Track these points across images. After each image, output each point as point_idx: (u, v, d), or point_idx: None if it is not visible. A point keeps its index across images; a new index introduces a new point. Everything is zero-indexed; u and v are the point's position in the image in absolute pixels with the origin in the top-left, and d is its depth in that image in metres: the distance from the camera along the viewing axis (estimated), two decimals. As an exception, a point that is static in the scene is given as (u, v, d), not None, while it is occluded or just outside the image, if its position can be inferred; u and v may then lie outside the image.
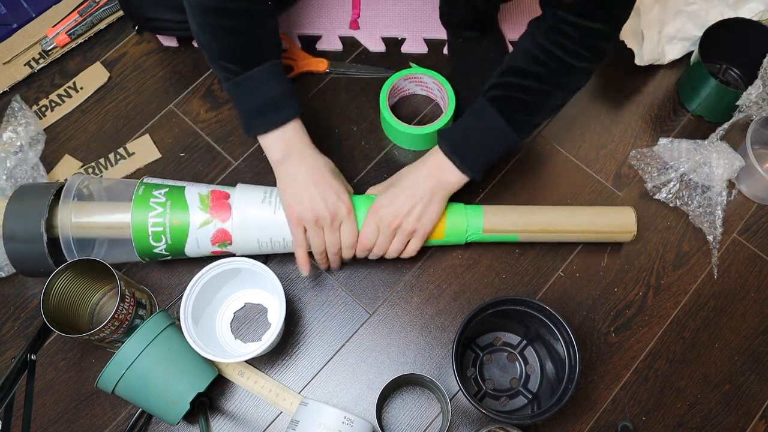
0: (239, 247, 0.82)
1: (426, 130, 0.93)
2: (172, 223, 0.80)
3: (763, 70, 0.93)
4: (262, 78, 0.77)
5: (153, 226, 0.80)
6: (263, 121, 0.78)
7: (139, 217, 0.79)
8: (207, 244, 0.82)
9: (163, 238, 0.80)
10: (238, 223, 0.80)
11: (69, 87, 1.01)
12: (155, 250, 0.81)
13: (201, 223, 0.80)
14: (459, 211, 0.85)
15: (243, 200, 0.81)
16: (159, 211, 0.80)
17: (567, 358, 0.78)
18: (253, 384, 0.84)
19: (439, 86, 0.96)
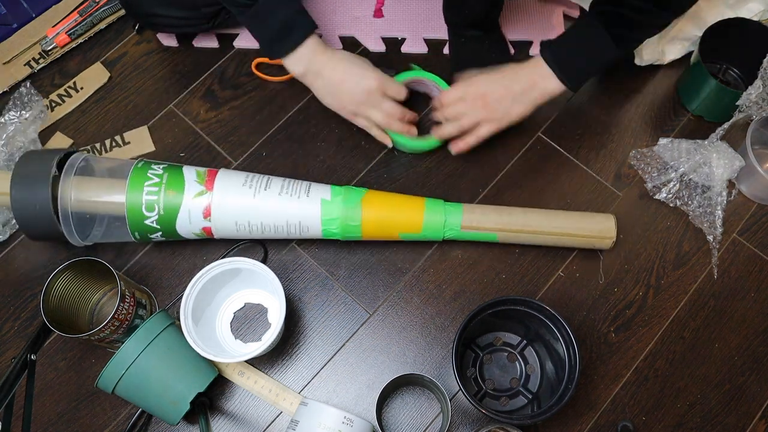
0: (217, 223, 0.83)
1: (426, 144, 0.94)
2: (167, 193, 0.81)
3: (763, 70, 0.93)
4: (272, 4, 0.81)
5: (147, 195, 0.80)
6: (282, 45, 0.84)
7: (134, 184, 0.80)
8: (199, 217, 0.82)
9: (156, 207, 0.80)
10: (217, 199, 0.82)
11: (69, 87, 1.01)
12: (147, 221, 0.81)
13: (196, 193, 0.81)
14: (437, 206, 0.85)
15: (225, 179, 0.83)
16: (155, 181, 0.81)
17: (567, 358, 0.78)
18: (253, 384, 0.84)
19: (440, 90, 0.96)
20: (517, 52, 1.05)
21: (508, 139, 0.98)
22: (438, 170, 0.96)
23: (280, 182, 0.84)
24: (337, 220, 0.83)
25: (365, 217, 0.84)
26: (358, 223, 0.84)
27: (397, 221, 0.85)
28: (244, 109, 1.01)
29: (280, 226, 0.83)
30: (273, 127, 0.99)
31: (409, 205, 0.85)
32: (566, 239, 0.87)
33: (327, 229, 0.84)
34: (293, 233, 0.84)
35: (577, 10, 1.07)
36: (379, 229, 0.85)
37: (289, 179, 0.85)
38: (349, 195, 0.84)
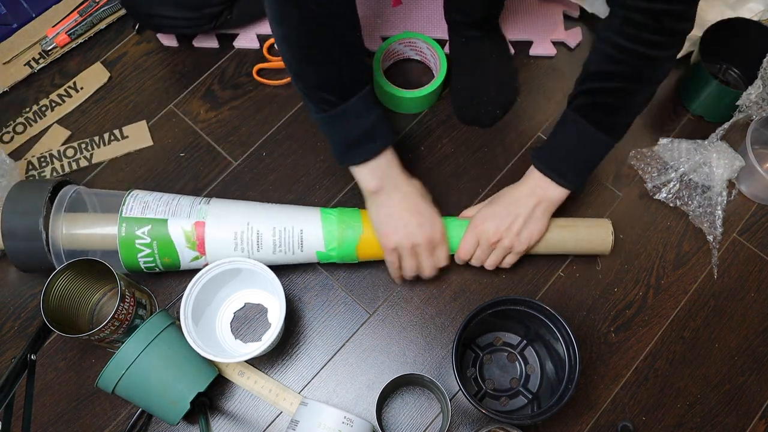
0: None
1: (416, 93, 0.95)
2: (162, 260, 0.82)
3: (763, 70, 0.93)
4: (358, 108, 0.74)
5: (145, 264, 0.82)
6: (357, 153, 0.76)
7: (128, 258, 0.81)
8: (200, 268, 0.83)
9: (156, 270, 0.84)
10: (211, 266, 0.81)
11: (69, 87, 1.01)
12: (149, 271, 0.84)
13: (191, 258, 0.82)
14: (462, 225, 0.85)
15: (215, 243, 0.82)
16: (147, 252, 0.81)
17: (567, 358, 0.78)
18: (253, 384, 0.84)
19: (432, 51, 0.98)
20: (518, 52, 1.05)
21: (508, 139, 0.98)
22: (438, 170, 0.96)
23: (271, 239, 0.82)
24: (335, 249, 0.84)
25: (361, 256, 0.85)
26: (356, 260, 0.86)
27: None
28: (244, 109, 1.01)
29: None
30: (273, 127, 0.99)
31: None
32: (564, 250, 0.87)
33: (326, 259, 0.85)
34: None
35: (577, 10, 1.07)
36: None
37: (280, 228, 0.82)
38: (343, 246, 0.83)
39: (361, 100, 0.74)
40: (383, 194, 0.79)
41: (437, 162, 0.97)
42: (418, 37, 0.98)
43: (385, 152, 0.77)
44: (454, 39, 1.00)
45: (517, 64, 1.04)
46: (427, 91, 0.96)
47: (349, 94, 0.74)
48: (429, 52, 1.00)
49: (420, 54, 1.02)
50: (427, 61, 1.03)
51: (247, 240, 0.81)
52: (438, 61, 0.98)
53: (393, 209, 0.79)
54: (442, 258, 0.83)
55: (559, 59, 1.05)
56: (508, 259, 0.84)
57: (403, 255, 0.81)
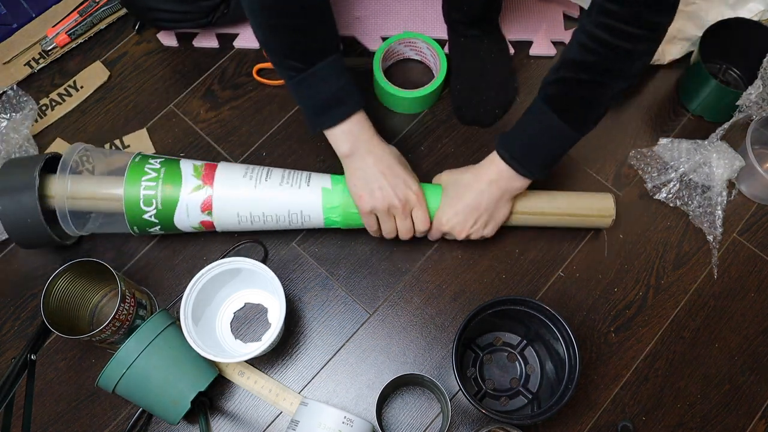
0: (219, 215, 0.83)
1: (416, 93, 0.95)
2: (164, 188, 0.81)
3: (763, 70, 0.93)
4: (325, 73, 0.76)
5: (145, 189, 0.81)
6: (328, 117, 0.78)
7: (132, 180, 0.81)
8: (197, 211, 0.82)
9: (153, 202, 0.81)
10: (218, 192, 0.82)
11: (69, 86, 1.01)
12: (145, 216, 0.81)
13: (193, 188, 0.82)
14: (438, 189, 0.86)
15: (225, 172, 0.83)
16: (152, 176, 0.81)
17: (567, 358, 0.78)
18: (253, 384, 0.84)
19: (432, 51, 0.98)
20: (518, 52, 1.05)
21: (508, 139, 0.98)
22: (438, 170, 0.95)
23: (281, 173, 0.84)
24: (338, 208, 0.83)
25: None
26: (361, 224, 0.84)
27: None
28: (244, 109, 1.01)
29: (282, 216, 0.83)
30: (273, 127, 0.99)
31: None
32: (566, 219, 0.87)
33: (329, 218, 0.84)
34: (295, 223, 0.84)
35: (577, 10, 1.07)
36: None
37: (290, 170, 0.85)
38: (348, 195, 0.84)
39: (328, 65, 0.75)
40: (357, 157, 0.79)
41: (437, 162, 0.97)
42: (418, 37, 0.98)
43: (356, 116, 0.78)
44: (453, 39, 1.00)
45: (516, 64, 1.04)
46: (427, 91, 0.96)
47: (315, 60, 0.75)
48: (429, 52, 1.00)
49: (420, 54, 1.02)
50: (427, 61, 1.03)
51: (257, 173, 0.83)
52: (438, 61, 0.98)
53: (367, 172, 0.79)
54: (420, 221, 0.83)
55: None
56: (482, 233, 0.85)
57: (381, 217, 0.82)
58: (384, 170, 0.79)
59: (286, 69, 0.76)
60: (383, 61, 0.98)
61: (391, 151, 0.82)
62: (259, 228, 0.86)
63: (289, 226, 0.85)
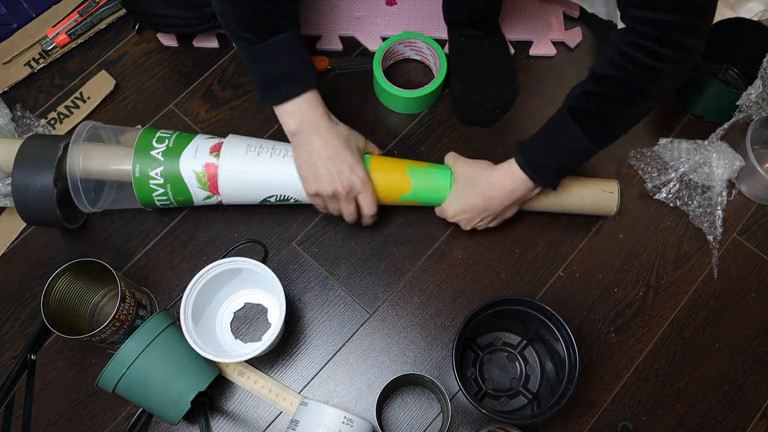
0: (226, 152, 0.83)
1: (416, 93, 0.96)
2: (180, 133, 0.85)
3: (762, 70, 0.93)
4: (279, 49, 0.76)
5: (161, 132, 0.84)
6: (278, 92, 0.78)
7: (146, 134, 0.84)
8: (205, 151, 0.83)
9: (166, 141, 0.83)
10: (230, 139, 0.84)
11: (76, 98, 1.00)
12: (153, 152, 0.82)
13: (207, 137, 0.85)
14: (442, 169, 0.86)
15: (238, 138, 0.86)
16: (167, 133, 0.84)
17: (567, 358, 0.78)
18: (253, 384, 0.84)
19: (432, 51, 0.98)
20: (518, 52, 1.05)
21: (508, 139, 0.98)
22: (438, 170, 0.96)
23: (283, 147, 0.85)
24: None
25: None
26: None
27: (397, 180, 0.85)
28: (244, 109, 1.01)
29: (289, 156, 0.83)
30: (273, 127, 0.99)
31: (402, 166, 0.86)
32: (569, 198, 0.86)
33: None
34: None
35: (577, 10, 1.07)
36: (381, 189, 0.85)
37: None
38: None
39: (282, 41, 0.75)
40: (303, 137, 0.79)
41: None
42: (418, 37, 0.98)
43: (306, 95, 0.78)
44: (453, 39, 1.00)
45: (516, 64, 1.04)
46: (427, 91, 0.96)
47: (270, 34, 0.75)
48: (429, 52, 1.00)
49: (420, 54, 1.02)
50: (427, 61, 1.03)
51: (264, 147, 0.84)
52: (438, 61, 0.98)
53: (313, 155, 0.79)
54: (366, 205, 0.83)
55: (558, 59, 1.05)
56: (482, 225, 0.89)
57: (326, 200, 0.82)
58: (330, 154, 0.79)
59: (240, 40, 0.76)
60: (383, 61, 0.98)
61: (339, 133, 0.80)
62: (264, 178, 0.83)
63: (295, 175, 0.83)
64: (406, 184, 0.85)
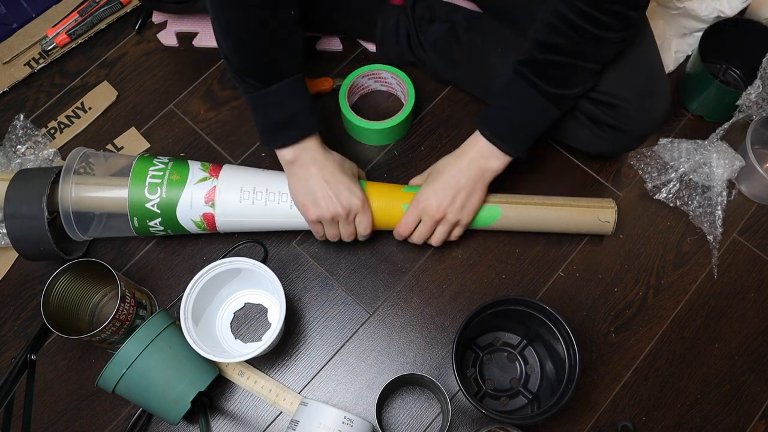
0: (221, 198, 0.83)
1: (386, 124, 0.94)
2: (170, 177, 0.82)
3: (762, 70, 0.93)
4: (282, 95, 0.76)
5: (151, 178, 0.82)
6: (279, 137, 0.78)
7: (139, 170, 0.82)
8: (200, 201, 0.82)
9: (158, 190, 0.81)
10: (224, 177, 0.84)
11: (78, 108, 1.00)
12: (148, 204, 0.81)
13: (199, 179, 0.83)
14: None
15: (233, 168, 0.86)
16: (160, 167, 0.83)
17: (567, 358, 0.78)
18: (253, 384, 0.84)
19: (398, 80, 0.97)
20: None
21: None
22: (438, 170, 0.96)
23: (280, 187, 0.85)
24: None
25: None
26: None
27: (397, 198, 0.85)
28: (244, 109, 1.01)
29: (285, 194, 0.83)
30: (273, 127, 0.99)
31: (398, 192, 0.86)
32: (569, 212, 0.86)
33: None
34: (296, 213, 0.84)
35: None
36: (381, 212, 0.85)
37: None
38: None
39: (285, 86, 0.75)
40: (299, 165, 0.79)
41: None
42: (382, 68, 0.97)
43: (306, 141, 0.79)
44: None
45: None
46: (395, 121, 0.94)
47: (274, 80, 0.75)
48: (394, 81, 0.98)
49: (385, 84, 1.01)
50: (393, 91, 1.01)
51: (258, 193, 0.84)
52: (405, 89, 0.96)
53: (310, 181, 0.79)
54: (363, 226, 0.83)
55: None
56: (455, 232, 0.85)
57: (325, 225, 0.82)
58: (328, 178, 0.79)
59: (243, 83, 0.76)
60: (349, 96, 0.96)
61: (334, 158, 0.82)
62: (260, 221, 0.85)
63: (290, 217, 0.84)
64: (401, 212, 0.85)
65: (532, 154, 0.97)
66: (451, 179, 0.81)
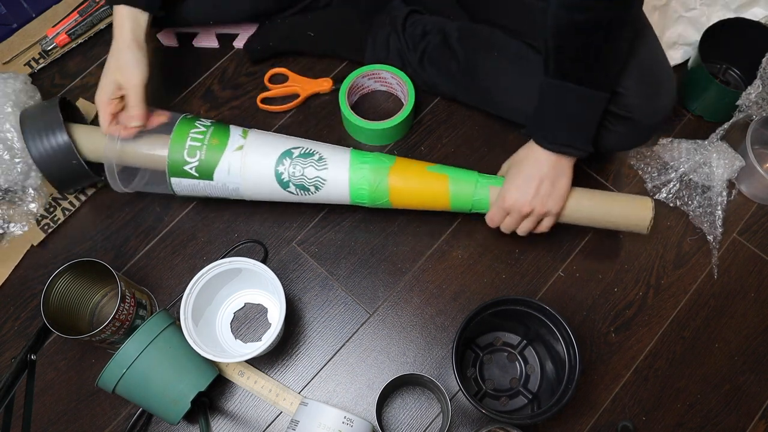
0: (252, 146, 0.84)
1: (386, 124, 0.94)
2: (210, 141, 0.83)
3: (762, 70, 0.93)
4: None
5: (191, 140, 0.83)
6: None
7: (181, 130, 0.83)
8: (237, 170, 0.83)
9: (197, 153, 0.82)
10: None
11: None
12: (186, 167, 0.82)
13: (237, 146, 0.83)
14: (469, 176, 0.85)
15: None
16: (201, 129, 0.83)
17: (567, 358, 0.78)
18: (253, 384, 0.84)
19: (398, 80, 0.97)
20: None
21: (508, 140, 0.98)
22: (438, 170, 0.96)
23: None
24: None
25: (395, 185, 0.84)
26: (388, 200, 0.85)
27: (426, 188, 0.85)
28: (244, 109, 1.01)
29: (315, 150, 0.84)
30: (273, 128, 0.99)
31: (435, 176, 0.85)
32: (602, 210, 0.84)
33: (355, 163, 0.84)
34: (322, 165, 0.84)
35: None
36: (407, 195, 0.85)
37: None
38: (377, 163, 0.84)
39: None
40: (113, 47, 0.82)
41: (437, 162, 0.96)
42: (382, 68, 0.96)
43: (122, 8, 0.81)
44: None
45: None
46: (395, 121, 0.94)
47: None
48: (394, 81, 0.98)
49: (385, 85, 1.01)
50: (394, 91, 1.01)
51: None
52: (405, 89, 0.96)
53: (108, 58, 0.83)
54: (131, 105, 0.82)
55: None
56: (545, 222, 0.83)
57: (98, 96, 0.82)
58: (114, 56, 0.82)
59: None
60: (349, 96, 0.96)
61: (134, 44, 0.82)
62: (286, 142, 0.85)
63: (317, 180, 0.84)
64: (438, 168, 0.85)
65: (532, 154, 0.97)
66: (531, 170, 0.80)
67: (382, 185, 0.84)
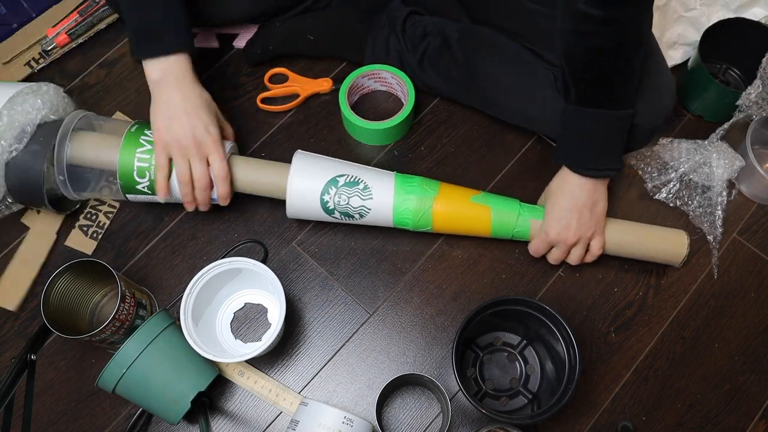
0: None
1: (386, 124, 0.94)
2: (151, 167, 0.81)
3: (762, 70, 0.93)
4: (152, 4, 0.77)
5: (138, 162, 0.81)
6: (147, 48, 0.78)
7: (127, 148, 0.81)
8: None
9: (147, 174, 0.81)
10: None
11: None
12: (138, 186, 0.82)
13: None
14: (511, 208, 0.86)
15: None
16: (147, 148, 0.81)
17: (567, 358, 0.78)
18: (253, 384, 0.84)
19: (398, 80, 0.96)
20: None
21: (509, 140, 0.98)
22: (439, 170, 0.96)
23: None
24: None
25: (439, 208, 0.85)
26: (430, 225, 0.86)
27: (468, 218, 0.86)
28: (244, 109, 1.01)
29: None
30: (273, 127, 0.99)
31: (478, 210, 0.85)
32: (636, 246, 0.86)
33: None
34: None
35: None
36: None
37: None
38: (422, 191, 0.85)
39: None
40: (164, 88, 0.79)
41: (437, 162, 0.97)
42: (382, 69, 0.96)
43: (177, 57, 0.79)
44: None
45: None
46: (395, 121, 0.94)
47: None
48: (394, 81, 0.98)
49: (385, 85, 1.01)
50: (394, 91, 1.01)
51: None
52: (405, 89, 0.96)
53: (170, 106, 0.78)
54: (217, 167, 0.80)
55: (559, 59, 1.04)
56: (595, 244, 0.84)
57: (174, 157, 0.80)
58: (188, 109, 0.79)
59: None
60: (349, 96, 0.96)
61: (201, 95, 0.81)
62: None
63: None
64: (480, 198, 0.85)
65: (532, 156, 0.97)
66: (568, 202, 0.82)
67: (426, 215, 0.84)
